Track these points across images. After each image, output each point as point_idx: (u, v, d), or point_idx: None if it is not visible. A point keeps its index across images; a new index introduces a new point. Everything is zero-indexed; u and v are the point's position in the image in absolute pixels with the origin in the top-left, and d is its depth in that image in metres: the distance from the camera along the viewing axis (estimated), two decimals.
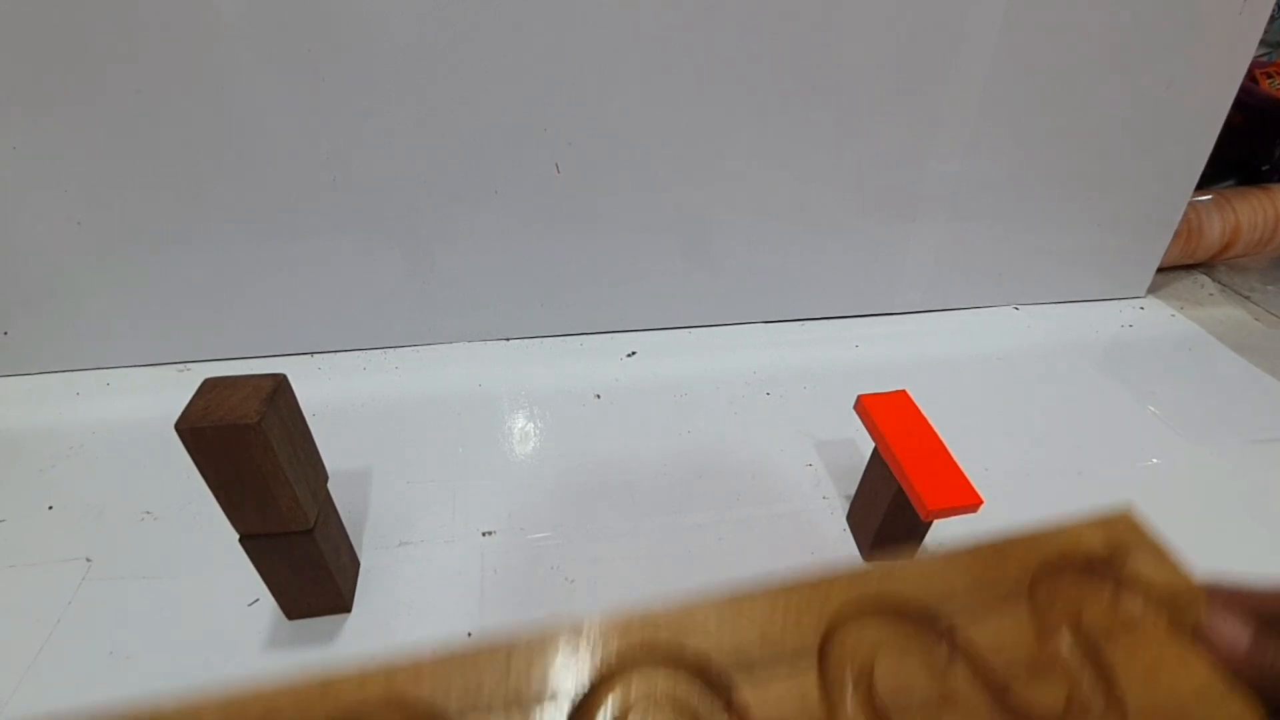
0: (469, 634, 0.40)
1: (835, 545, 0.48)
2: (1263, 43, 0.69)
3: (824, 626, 0.24)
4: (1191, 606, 0.25)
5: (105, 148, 0.51)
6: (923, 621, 0.24)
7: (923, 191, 0.67)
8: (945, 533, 0.49)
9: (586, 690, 0.21)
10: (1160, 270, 0.80)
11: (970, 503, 0.41)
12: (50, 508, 0.47)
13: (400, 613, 0.42)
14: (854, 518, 0.49)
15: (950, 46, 0.59)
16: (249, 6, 0.47)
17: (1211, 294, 0.83)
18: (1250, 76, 0.91)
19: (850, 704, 0.22)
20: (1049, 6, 0.58)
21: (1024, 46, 0.60)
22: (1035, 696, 0.23)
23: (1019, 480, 0.54)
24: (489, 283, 0.64)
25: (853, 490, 0.48)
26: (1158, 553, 0.28)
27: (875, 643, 0.24)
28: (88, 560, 0.44)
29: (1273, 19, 0.64)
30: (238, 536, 0.35)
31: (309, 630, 0.40)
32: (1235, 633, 0.23)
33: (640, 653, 0.22)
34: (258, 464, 0.32)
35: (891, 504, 0.43)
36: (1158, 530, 0.28)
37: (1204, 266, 0.88)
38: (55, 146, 0.50)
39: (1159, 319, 0.78)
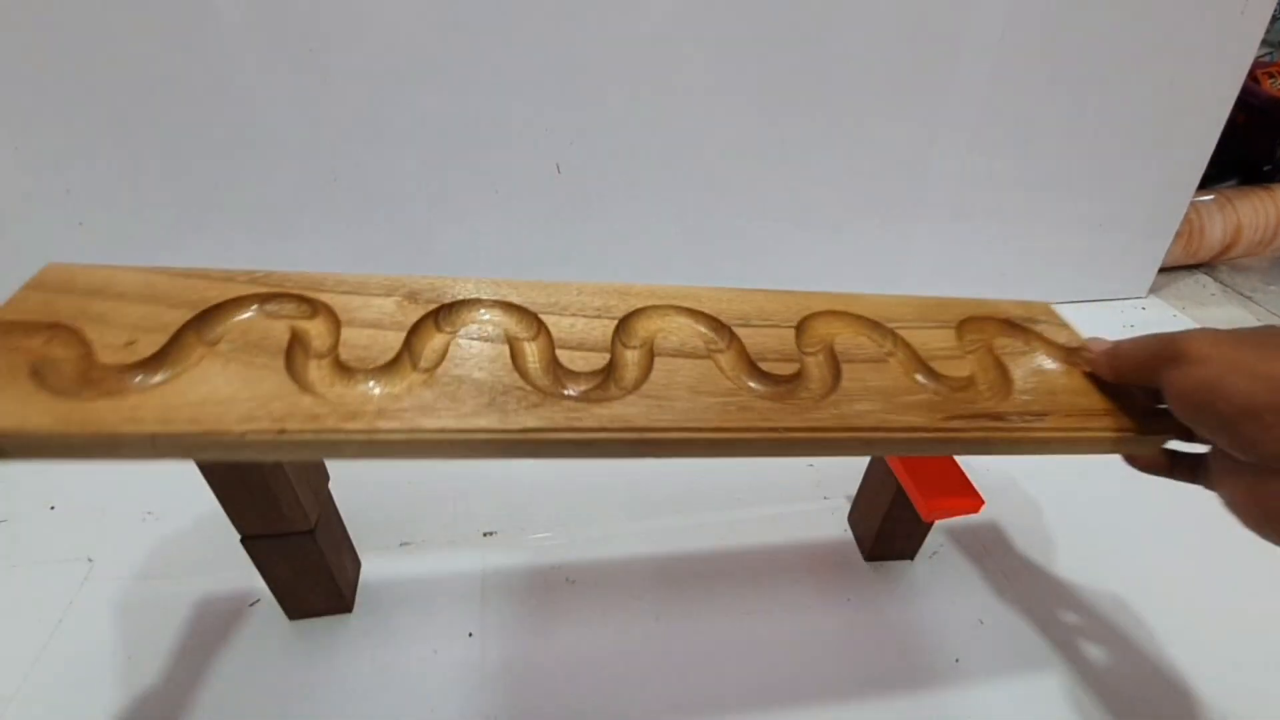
0: (469, 634, 0.41)
1: (836, 546, 0.48)
2: (1265, 42, 0.68)
3: (801, 315, 0.35)
4: (1079, 355, 0.36)
5: (107, 149, 0.51)
6: (874, 325, 0.35)
7: (924, 192, 0.67)
8: (949, 533, 0.49)
9: (628, 314, 0.33)
10: (1162, 270, 0.80)
11: (971, 503, 0.41)
12: (52, 507, 0.47)
13: (401, 613, 0.42)
14: (855, 518, 0.49)
15: (952, 46, 0.59)
16: (251, 7, 0.47)
17: (1213, 294, 0.83)
18: (1252, 76, 0.90)
19: (815, 350, 0.33)
20: (1051, 7, 0.58)
21: (1026, 47, 0.60)
22: (948, 370, 0.34)
23: (1020, 481, 0.54)
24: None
25: (853, 491, 0.48)
26: (1063, 324, 0.39)
27: (838, 328, 0.35)
28: (89, 560, 0.44)
29: (1274, 19, 0.64)
30: (239, 537, 0.35)
31: (310, 630, 0.40)
32: (1100, 344, 0.34)
33: (667, 304, 0.34)
34: (259, 464, 0.32)
35: (892, 504, 0.43)
36: (1072, 323, 0.38)
37: (1206, 267, 0.87)
38: (57, 147, 0.50)
39: (1161, 319, 0.78)
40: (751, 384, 0.31)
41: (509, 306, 0.32)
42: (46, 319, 0.27)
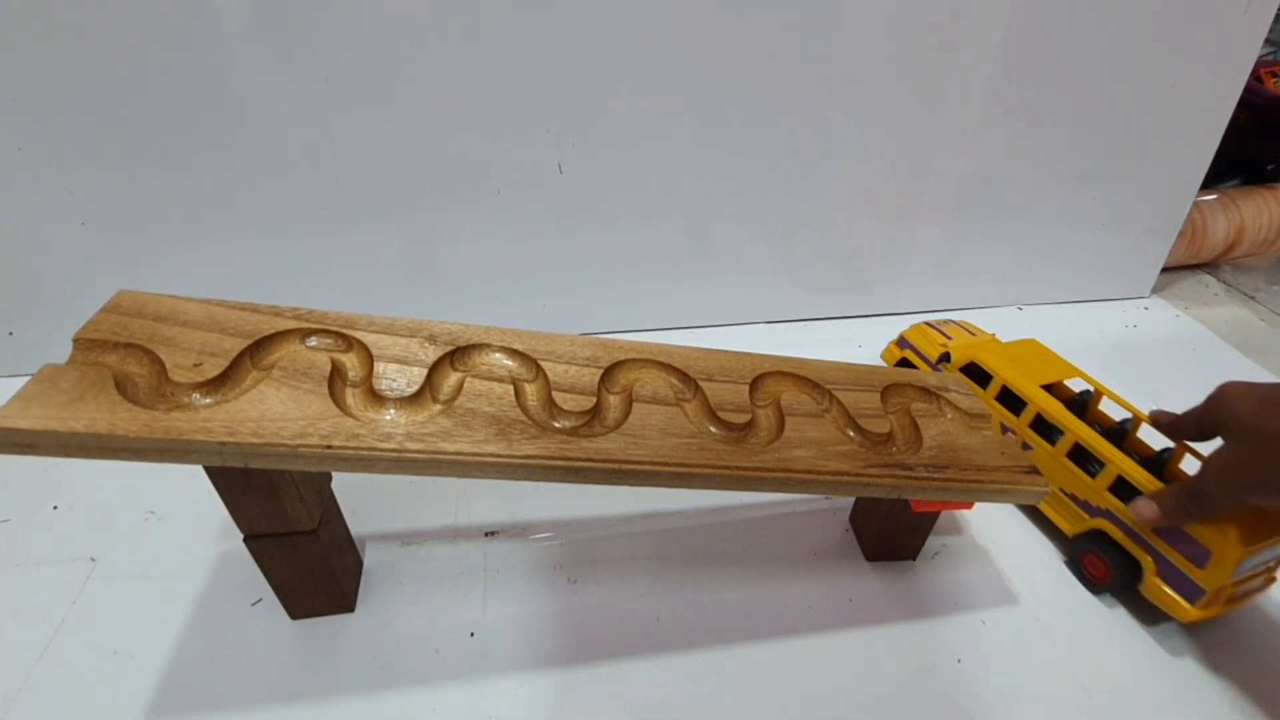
0: (471, 634, 0.41)
1: (838, 546, 0.48)
2: (1268, 41, 0.68)
3: (756, 373, 0.40)
4: (983, 419, 0.42)
5: (110, 148, 0.51)
6: (814, 385, 0.41)
7: (926, 191, 0.67)
8: (951, 534, 0.49)
9: (612, 364, 0.38)
10: (1165, 270, 0.80)
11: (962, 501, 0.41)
12: (55, 507, 0.47)
13: (403, 612, 0.42)
14: (856, 518, 0.49)
15: (955, 46, 0.59)
16: (253, 8, 0.47)
17: (1216, 294, 0.83)
18: (1255, 75, 0.90)
19: (765, 404, 0.39)
20: (1053, 6, 0.58)
21: (1028, 46, 0.60)
22: (872, 426, 0.39)
23: None
24: (491, 282, 0.64)
25: None
26: (969, 394, 0.44)
27: (785, 387, 0.41)
28: (92, 560, 0.44)
29: (1278, 18, 0.64)
30: (242, 537, 0.35)
31: (312, 630, 0.40)
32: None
33: (642, 359, 0.39)
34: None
35: (894, 505, 0.43)
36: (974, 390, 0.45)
37: (1209, 266, 0.87)
38: (60, 147, 0.50)
39: (1164, 319, 0.78)
40: (711, 429, 0.37)
41: (513, 352, 0.37)
42: (123, 339, 0.31)
